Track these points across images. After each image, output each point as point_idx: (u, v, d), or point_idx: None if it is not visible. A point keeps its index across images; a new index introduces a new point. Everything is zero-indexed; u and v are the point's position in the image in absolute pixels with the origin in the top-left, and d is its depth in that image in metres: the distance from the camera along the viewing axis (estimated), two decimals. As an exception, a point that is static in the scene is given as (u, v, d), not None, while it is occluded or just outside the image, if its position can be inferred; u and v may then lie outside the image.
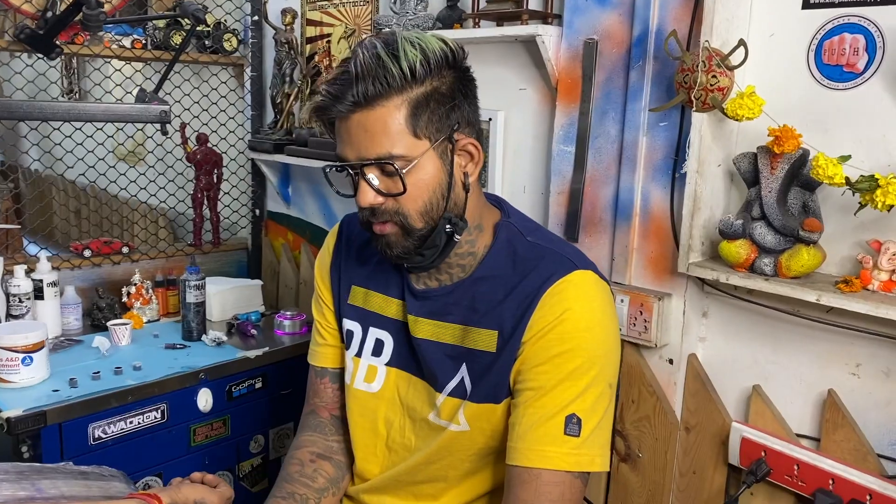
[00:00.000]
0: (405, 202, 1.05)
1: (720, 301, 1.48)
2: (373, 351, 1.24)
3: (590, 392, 1.06)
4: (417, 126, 1.02)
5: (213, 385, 1.91)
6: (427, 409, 1.18)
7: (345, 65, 1.03)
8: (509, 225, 1.16)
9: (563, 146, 1.65)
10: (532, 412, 1.06)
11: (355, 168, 1.05)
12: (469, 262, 1.15)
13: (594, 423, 1.06)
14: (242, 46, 2.49)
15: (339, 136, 1.06)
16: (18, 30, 1.94)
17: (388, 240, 1.08)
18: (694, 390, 1.50)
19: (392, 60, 1.00)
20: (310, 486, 1.25)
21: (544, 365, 1.06)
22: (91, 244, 2.29)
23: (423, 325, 1.17)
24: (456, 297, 1.15)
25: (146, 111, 2.10)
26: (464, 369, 1.14)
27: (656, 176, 1.50)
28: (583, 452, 1.05)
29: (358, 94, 1.00)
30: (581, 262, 1.11)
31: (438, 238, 1.08)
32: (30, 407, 1.62)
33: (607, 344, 1.09)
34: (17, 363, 1.70)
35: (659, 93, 1.48)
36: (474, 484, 1.20)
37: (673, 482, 1.53)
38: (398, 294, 1.21)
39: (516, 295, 1.09)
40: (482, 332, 1.12)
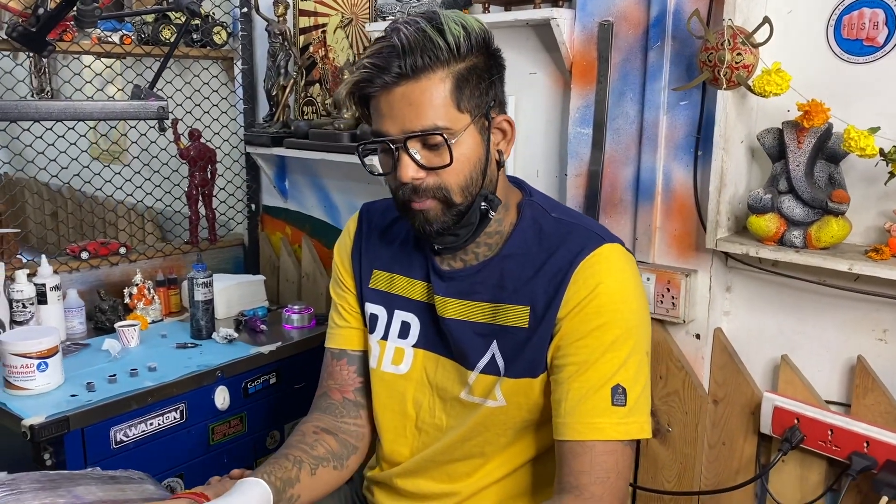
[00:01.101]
0: (447, 176, 1.06)
1: (743, 275, 1.51)
2: (399, 333, 1.25)
3: (631, 361, 1.09)
4: (461, 100, 1.04)
5: (229, 382, 1.89)
6: (458, 388, 1.20)
7: (386, 39, 1.04)
8: (533, 203, 1.18)
9: (579, 128, 1.66)
10: (578, 386, 1.08)
11: (398, 142, 1.05)
12: (496, 241, 1.17)
13: (638, 391, 1.09)
14: (232, 39, 2.45)
15: (379, 112, 1.06)
16: (11, 28, 1.88)
17: (427, 215, 1.09)
18: (721, 363, 1.53)
19: (437, 34, 1.02)
20: (307, 451, 1.21)
21: (585, 339, 1.09)
22: (88, 246, 2.24)
23: (451, 305, 1.18)
24: (483, 276, 1.16)
25: (144, 108, 2.05)
26: (494, 346, 1.16)
27: (678, 154, 1.52)
28: (631, 421, 1.08)
29: (405, 65, 1.01)
30: (608, 236, 1.14)
31: (474, 215, 1.10)
32: (52, 413, 1.58)
33: (641, 313, 1.13)
34: (32, 370, 1.66)
35: (678, 72, 1.50)
36: (511, 456, 1.22)
37: (703, 454, 1.56)
38: (423, 276, 1.23)
39: (547, 270, 1.11)
40: (513, 308, 1.14)
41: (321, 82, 2.31)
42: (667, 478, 1.60)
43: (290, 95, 2.35)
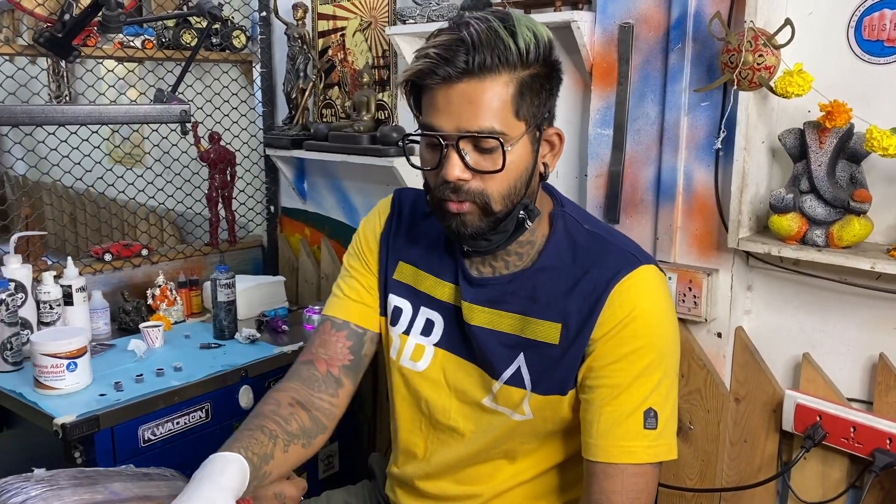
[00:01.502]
0: (492, 182, 1.03)
1: (765, 274, 1.53)
2: (422, 330, 1.23)
3: (663, 385, 1.10)
4: (520, 107, 1.01)
5: (253, 382, 1.92)
6: (480, 394, 1.19)
7: (453, 31, 1.00)
8: (565, 214, 1.17)
9: (600, 129, 1.68)
10: (611, 410, 1.09)
11: (449, 139, 1.01)
12: (527, 251, 1.15)
13: (668, 414, 1.11)
14: (251, 43, 2.47)
15: (433, 105, 1.02)
16: (38, 34, 1.92)
17: (463, 218, 1.06)
18: (743, 361, 1.54)
19: (510, 36, 0.99)
20: (282, 426, 1.16)
21: (619, 363, 1.08)
22: (111, 247, 2.27)
23: (478, 312, 1.17)
24: (514, 287, 1.15)
25: (167, 111, 2.09)
26: (521, 359, 1.15)
27: (699, 155, 1.53)
28: (661, 443, 1.10)
29: (472, 62, 0.98)
30: (643, 257, 1.13)
31: (511, 223, 1.08)
32: (82, 413, 1.61)
33: (674, 337, 1.13)
34: (62, 370, 1.69)
35: (699, 73, 1.51)
36: (537, 460, 1.22)
37: (725, 452, 1.57)
38: (451, 278, 1.21)
39: (581, 289, 1.10)
40: (544, 323, 1.12)
41: (340, 85, 2.34)
42: (688, 475, 1.62)
43: (309, 98, 2.37)
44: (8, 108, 1.94)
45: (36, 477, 1.28)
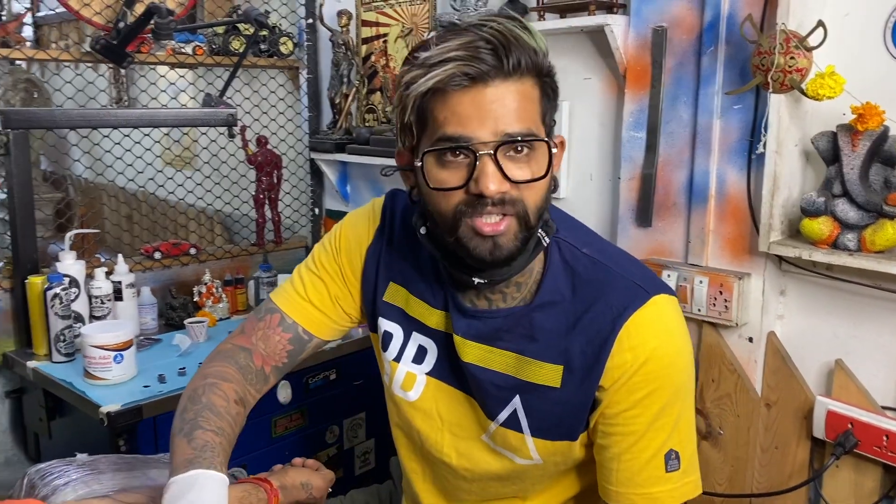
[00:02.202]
0: (528, 193, 0.93)
1: (797, 279, 1.51)
2: (413, 357, 1.14)
3: (682, 422, 1.03)
4: (546, 113, 0.95)
5: (291, 377, 1.96)
6: (478, 430, 1.11)
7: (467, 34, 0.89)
8: (560, 241, 1.05)
9: (633, 132, 1.68)
10: (629, 458, 1.02)
11: (485, 147, 0.89)
12: (525, 280, 1.04)
13: (691, 451, 1.05)
14: (298, 49, 2.54)
15: (456, 113, 0.90)
16: (94, 41, 2.01)
17: (498, 240, 0.93)
18: (774, 367, 1.53)
19: (529, 37, 0.91)
20: (232, 428, 1.09)
21: (633, 409, 1.01)
22: (161, 246, 2.36)
23: (470, 348, 1.06)
24: (510, 324, 1.04)
25: (214, 115, 2.18)
26: (517, 401, 1.06)
27: (732, 158, 1.53)
28: (686, 482, 1.04)
29: (507, 61, 0.88)
30: (650, 286, 1.02)
31: (532, 241, 0.98)
32: (126, 402, 1.68)
33: (688, 368, 1.05)
34: (109, 361, 1.76)
35: (732, 76, 1.51)
36: (552, 496, 1.17)
37: (755, 458, 1.56)
38: (441, 305, 1.10)
39: (585, 328, 1.01)
40: (543, 365, 1.03)
41: (382, 90, 2.38)
42: (718, 480, 1.60)
43: (353, 103, 2.43)
44: (66, 112, 2.04)
45: (78, 461, 1.35)
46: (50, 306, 1.88)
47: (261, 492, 1.22)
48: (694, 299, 1.56)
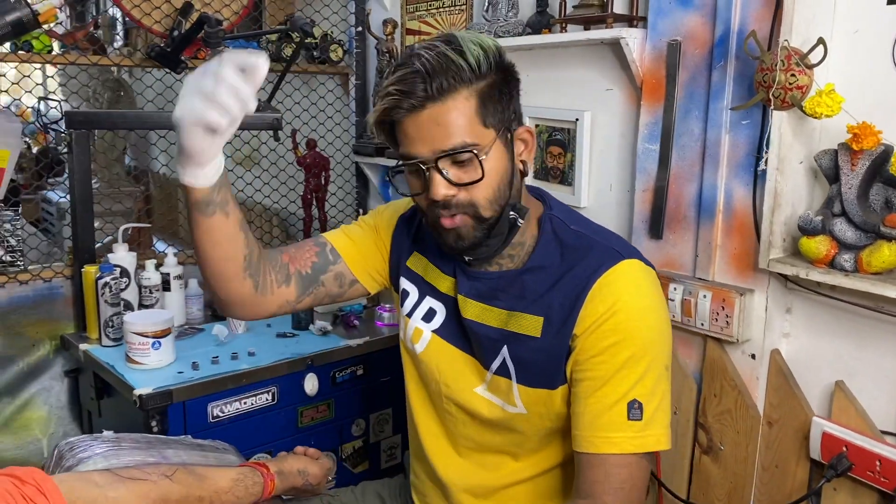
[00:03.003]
0: (477, 191, 1.10)
1: (803, 297, 1.49)
2: (424, 316, 1.31)
3: (648, 377, 1.12)
4: (486, 116, 1.08)
5: (318, 371, 2.06)
6: (475, 382, 1.26)
7: (407, 66, 1.07)
8: (552, 217, 1.22)
9: (647, 144, 1.69)
10: (594, 402, 1.13)
11: (428, 162, 1.08)
12: (518, 253, 1.21)
13: (655, 405, 1.12)
14: (347, 56, 2.65)
15: (406, 135, 1.09)
16: (150, 48, 2.16)
17: (459, 232, 1.13)
18: (777, 385, 1.51)
19: (458, 56, 1.06)
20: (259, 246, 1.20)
21: (600, 356, 1.12)
22: (212, 241, 2.50)
23: (471, 305, 1.23)
24: (504, 284, 1.21)
25: (261, 118, 2.29)
26: (505, 351, 1.21)
27: (739, 173, 1.52)
28: (647, 434, 1.12)
29: (431, 88, 1.05)
30: (626, 251, 1.17)
31: (503, 226, 1.14)
32: (158, 386, 1.81)
33: (659, 328, 1.15)
34: (147, 347, 1.90)
35: (741, 91, 1.50)
36: (540, 460, 1.28)
37: (755, 476, 1.54)
38: (450, 272, 1.28)
39: (563, 284, 1.15)
40: (527, 317, 1.18)
41: (424, 96, 2.45)
42: (717, 495, 1.60)
43: (396, 108, 2.50)
44: (122, 114, 2.21)
45: (103, 437, 1.48)
46: (101, 294, 2.03)
47: (257, 475, 1.31)
48: (697, 313, 1.56)
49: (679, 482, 1.67)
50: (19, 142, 1.99)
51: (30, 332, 2.15)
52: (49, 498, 0.93)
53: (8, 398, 2.15)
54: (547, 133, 1.97)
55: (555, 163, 1.96)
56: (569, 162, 1.92)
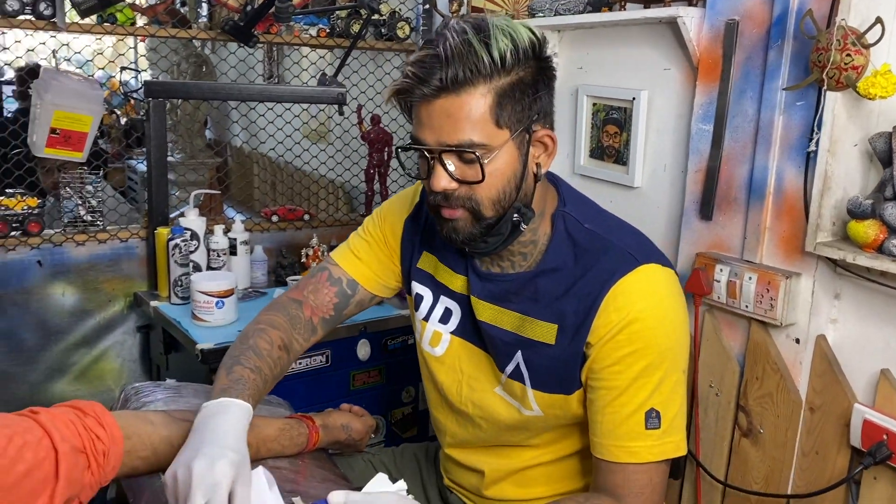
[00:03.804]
0: (479, 190, 1.06)
1: (853, 283, 1.46)
2: (440, 318, 1.29)
3: (665, 384, 1.11)
4: (500, 116, 1.03)
5: (371, 337, 2.14)
6: (492, 383, 1.26)
7: (432, 47, 1.02)
8: (565, 214, 1.17)
9: (701, 125, 1.68)
10: (611, 411, 1.12)
11: (433, 152, 1.05)
12: (530, 251, 1.18)
13: (673, 412, 1.12)
14: (414, 33, 2.69)
15: (418, 119, 1.05)
16: (224, 22, 2.26)
17: (455, 224, 1.09)
18: (821, 371, 1.49)
19: (483, 47, 1.00)
20: (272, 369, 1.23)
21: (616, 365, 1.10)
22: (278, 210, 2.61)
23: (484, 307, 1.21)
24: (517, 287, 1.18)
25: (326, 93, 2.37)
26: (519, 356, 1.19)
27: (791, 155, 1.50)
28: (666, 441, 1.12)
29: (446, 78, 1.00)
30: (642, 255, 1.12)
31: (504, 227, 1.11)
32: (220, 342, 1.91)
33: (676, 335, 1.12)
34: (211, 306, 2.01)
35: (797, 72, 1.48)
36: (558, 448, 1.29)
37: (795, 461, 1.53)
38: (462, 271, 1.25)
39: (577, 291, 1.12)
40: (541, 324, 1.16)
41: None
42: (755, 478, 1.59)
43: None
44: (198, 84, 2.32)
45: (166, 385, 1.58)
46: (171, 255, 2.16)
47: (303, 426, 1.38)
48: (742, 295, 1.55)
49: (718, 464, 1.67)
50: (101, 108, 2.12)
51: (106, 288, 2.30)
52: (107, 430, 1.01)
53: (85, 349, 2.31)
54: (604, 112, 1.98)
55: (610, 142, 1.97)
56: (624, 141, 1.93)
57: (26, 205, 2.14)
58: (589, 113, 2.01)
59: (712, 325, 1.66)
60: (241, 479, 0.97)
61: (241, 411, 1.09)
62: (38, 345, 2.24)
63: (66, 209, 2.25)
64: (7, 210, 2.11)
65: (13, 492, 0.82)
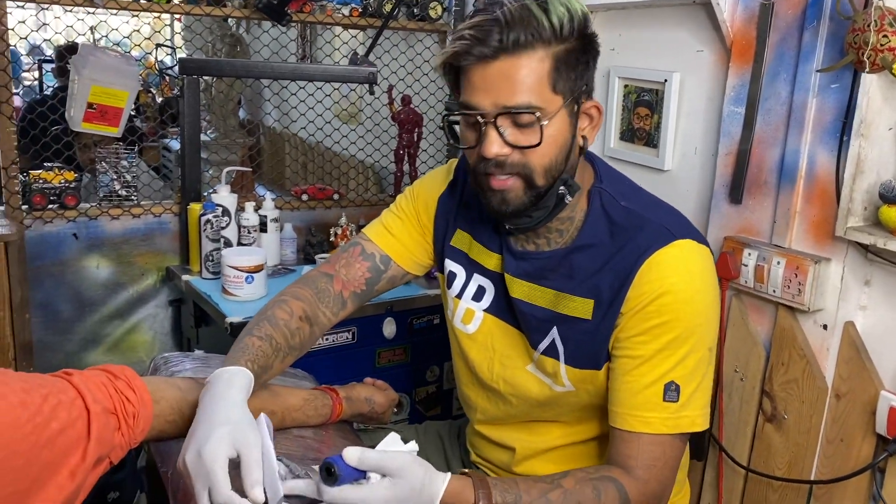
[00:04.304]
0: (533, 156, 1.06)
1: (885, 270, 1.44)
2: (473, 296, 1.30)
3: (689, 359, 1.11)
4: (557, 82, 1.04)
5: (397, 316, 2.16)
6: (524, 360, 1.26)
7: (489, 11, 1.02)
8: (602, 191, 1.18)
9: (733, 107, 1.66)
10: (630, 380, 1.13)
11: (488, 116, 1.04)
12: (567, 227, 1.18)
13: (693, 388, 1.12)
14: (446, 14, 2.69)
15: (471, 83, 1.05)
16: (257, 0, 2.28)
17: (505, 195, 1.09)
18: (848, 357, 1.48)
19: (542, 13, 1.02)
20: (287, 340, 1.23)
21: (643, 335, 1.12)
22: (308, 189, 2.63)
23: (518, 285, 1.22)
24: (553, 264, 1.18)
25: (356, 72, 2.39)
26: (554, 332, 1.20)
27: (824, 138, 1.48)
28: (682, 415, 1.12)
29: (507, 39, 1.00)
30: (678, 231, 1.13)
31: (551, 199, 1.11)
32: (248, 316, 1.93)
33: (707, 311, 1.12)
34: (241, 281, 2.05)
35: (832, 54, 1.46)
36: (583, 430, 1.30)
37: (819, 448, 1.52)
38: (497, 249, 1.26)
39: (613, 266, 1.13)
40: (577, 299, 1.17)
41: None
42: (778, 464, 1.59)
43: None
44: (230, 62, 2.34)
45: (194, 356, 1.62)
46: (203, 230, 2.19)
47: (327, 398, 1.40)
48: (770, 280, 1.54)
49: (741, 449, 1.66)
50: (136, 84, 2.15)
51: (140, 262, 2.35)
52: (137, 393, 1.04)
53: (118, 321, 2.37)
54: (635, 94, 1.96)
55: (641, 124, 1.95)
56: (655, 124, 1.91)
57: (64, 178, 2.18)
58: (620, 95, 2.00)
59: (739, 309, 1.65)
60: (242, 444, 0.95)
61: (231, 376, 1.07)
62: (73, 315, 2.29)
63: (101, 184, 2.30)
64: (45, 183, 2.16)
65: (48, 448, 0.85)
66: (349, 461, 0.96)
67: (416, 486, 0.98)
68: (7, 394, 0.83)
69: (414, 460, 1.01)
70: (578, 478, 1.11)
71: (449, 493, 1.01)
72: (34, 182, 2.15)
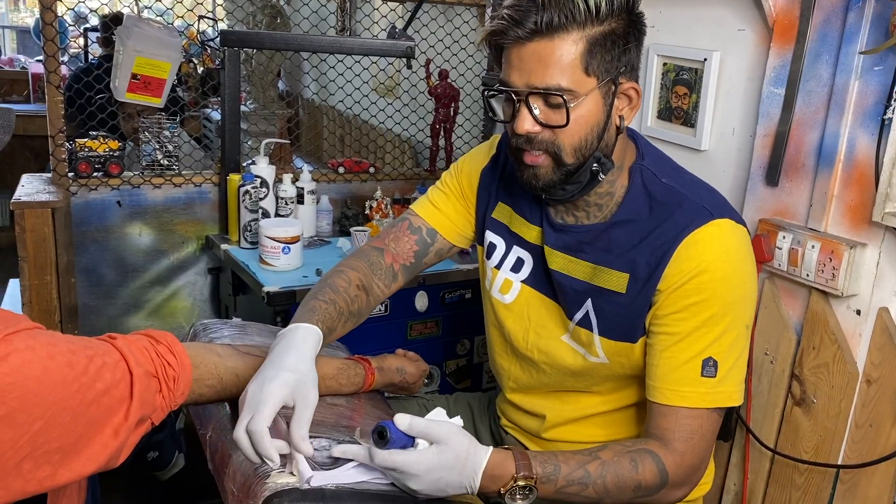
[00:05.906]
0: (562, 135, 1.10)
1: (922, 256, 1.43)
2: (512, 266, 1.33)
3: (726, 336, 1.13)
4: (590, 64, 1.07)
5: (429, 290, 2.19)
6: (559, 330, 1.30)
7: None
8: (643, 168, 1.20)
9: (773, 88, 1.64)
10: (669, 356, 1.16)
11: (520, 95, 1.08)
12: (606, 202, 1.21)
13: (731, 364, 1.14)
14: (486, -12, 2.68)
15: (509, 62, 1.09)
16: (298, -27, 2.30)
17: (536, 171, 1.13)
18: (881, 344, 1.47)
19: None
20: (348, 305, 1.30)
21: (680, 313, 1.14)
22: (345, 162, 2.67)
23: (557, 257, 1.25)
24: (591, 237, 1.21)
25: (394, 46, 2.40)
26: (589, 304, 1.23)
27: (865, 122, 1.46)
28: (719, 391, 1.14)
29: (541, 21, 1.03)
30: (717, 210, 1.15)
31: (583, 175, 1.14)
32: (285, 286, 1.99)
33: (744, 289, 1.14)
34: (278, 251, 2.09)
35: (877, 36, 1.43)
36: (618, 398, 1.32)
37: (847, 432, 1.52)
38: (538, 222, 1.29)
39: (651, 241, 1.15)
40: (613, 272, 1.19)
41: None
42: (805, 448, 1.59)
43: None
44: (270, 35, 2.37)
45: (232, 323, 1.66)
46: (242, 200, 2.24)
47: (359, 367, 1.44)
48: (804, 264, 1.53)
49: (768, 431, 1.66)
50: (179, 55, 2.19)
51: (180, 230, 2.41)
52: (177, 358, 1.08)
53: (159, 287, 2.44)
54: (674, 72, 1.95)
55: (679, 103, 1.94)
56: (693, 103, 1.89)
57: (108, 147, 2.24)
58: (659, 73, 1.98)
59: (771, 292, 1.65)
60: (300, 396, 1.04)
61: (306, 332, 1.15)
62: (116, 281, 2.37)
63: (144, 153, 2.35)
64: (91, 151, 2.22)
65: (93, 406, 0.90)
66: (399, 426, 1.02)
67: (461, 456, 1.03)
68: (55, 354, 0.87)
69: (459, 431, 1.05)
70: (616, 450, 1.14)
71: (492, 464, 1.06)
72: (80, 150, 2.22)
